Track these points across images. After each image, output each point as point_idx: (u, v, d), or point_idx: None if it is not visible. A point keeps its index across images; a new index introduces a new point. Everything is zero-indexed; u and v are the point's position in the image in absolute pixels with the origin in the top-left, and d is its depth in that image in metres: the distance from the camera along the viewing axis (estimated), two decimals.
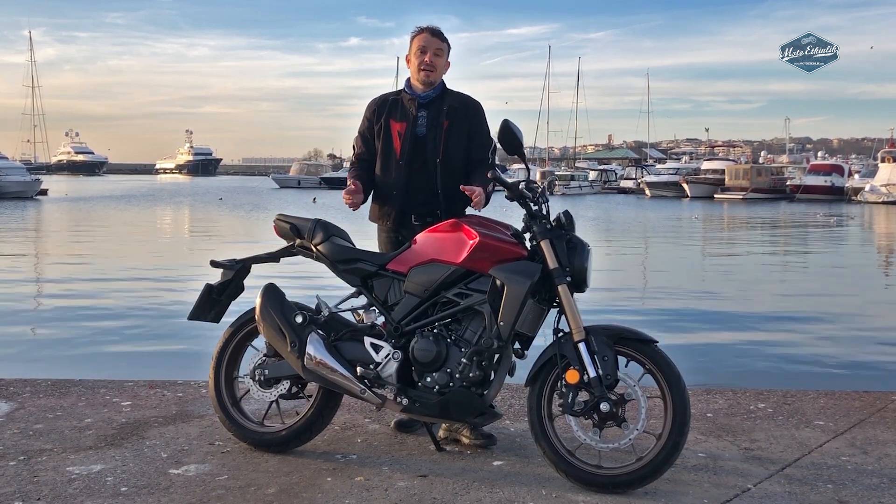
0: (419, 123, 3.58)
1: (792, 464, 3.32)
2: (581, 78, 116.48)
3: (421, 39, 3.58)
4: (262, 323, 3.36)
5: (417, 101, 3.58)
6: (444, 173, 3.53)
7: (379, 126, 3.63)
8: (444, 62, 3.62)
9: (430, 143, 3.55)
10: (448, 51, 3.64)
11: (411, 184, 3.55)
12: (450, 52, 3.66)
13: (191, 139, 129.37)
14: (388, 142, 3.61)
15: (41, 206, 34.92)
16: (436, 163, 3.54)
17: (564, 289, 3.02)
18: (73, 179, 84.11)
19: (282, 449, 3.38)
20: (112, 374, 5.34)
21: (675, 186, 53.64)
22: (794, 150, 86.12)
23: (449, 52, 3.65)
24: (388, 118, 3.62)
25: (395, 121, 3.60)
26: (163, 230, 24.50)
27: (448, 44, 3.64)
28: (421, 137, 3.57)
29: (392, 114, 3.62)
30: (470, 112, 3.63)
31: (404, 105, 3.61)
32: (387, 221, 3.64)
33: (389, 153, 3.60)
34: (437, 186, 3.54)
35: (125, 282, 11.70)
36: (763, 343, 7.85)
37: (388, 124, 3.61)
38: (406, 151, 3.55)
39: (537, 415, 3.08)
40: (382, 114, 3.64)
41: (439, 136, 3.55)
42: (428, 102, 3.59)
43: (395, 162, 3.58)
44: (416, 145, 3.56)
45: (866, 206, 41.08)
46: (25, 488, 2.97)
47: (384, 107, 3.65)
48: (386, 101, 3.67)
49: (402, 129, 3.57)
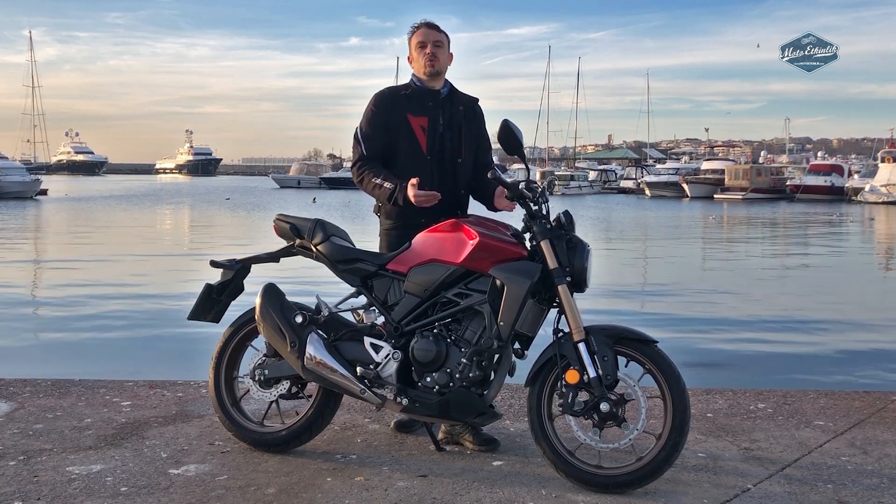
0: (440, 120, 3.51)
1: (792, 464, 3.32)
2: (581, 78, 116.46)
3: (419, 35, 3.54)
4: (261, 323, 3.36)
5: (434, 96, 3.51)
6: (463, 173, 3.53)
7: (397, 121, 3.48)
8: (446, 53, 3.56)
9: (449, 141, 3.51)
10: (448, 42, 3.58)
11: (439, 180, 3.46)
12: (450, 43, 3.60)
13: (191, 139, 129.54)
14: (411, 137, 3.46)
15: (41, 206, 34.92)
16: (457, 162, 3.51)
17: (564, 289, 3.02)
18: (72, 179, 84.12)
19: (282, 449, 3.37)
20: (112, 374, 5.33)
21: (675, 186, 53.67)
22: (794, 150, 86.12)
23: (449, 43, 3.59)
24: (404, 112, 3.48)
25: (413, 115, 3.48)
26: (167, 230, 24.49)
27: (446, 35, 3.59)
28: (442, 135, 3.51)
29: (409, 108, 3.49)
30: (478, 114, 3.64)
31: (421, 99, 3.51)
32: (400, 220, 3.48)
33: (415, 148, 3.47)
34: (460, 186, 3.52)
35: (125, 282, 11.69)
36: (763, 343, 7.85)
37: (407, 119, 3.48)
38: (434, 147, 3.48)
39: (537, 415, 3.08)
40: (396, 108, 3.48)
41: (457, 136, 3.52)
42: (443, 99, 3.55)
43: (424, 157, 3.47)
44: (441, 142, 3.50)
45: (866, 206, 41.08)
46: (25, 488, 2.97)
47: (398, 101, 3.49)
48: (398, 94, 3.52)
49: (425, 123, 3.47)
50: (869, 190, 44.07)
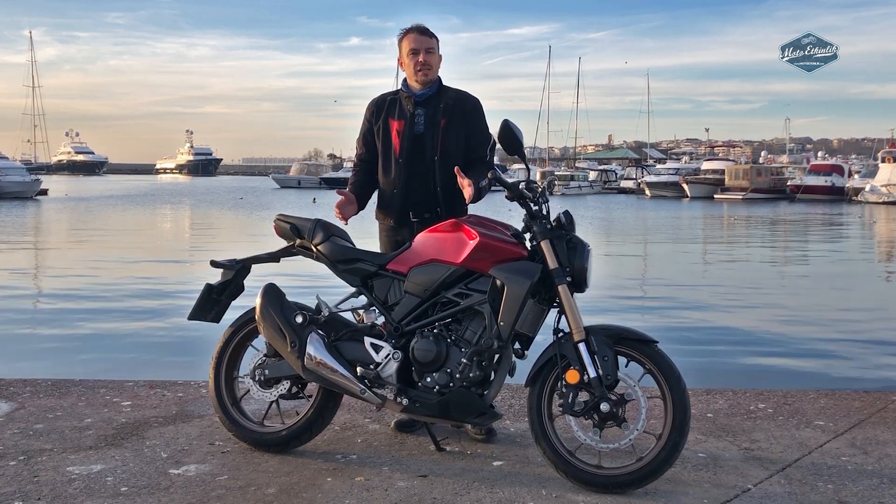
0: (417, 122, 3.59)
1: (792, 464, 3.32)
2: (581, 78, 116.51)
3: (410, 41, 3.59)
4: (262, 323, 3.36)
5: (414, 99, 3.60)
6: (441, 171, 3.54)
7: (378, 126, 3.66)
8: (437, 58, 3.63)
9: (429, 141, 3.57)
10: (438, 45, 3.65)
11: (411, 182, 3.57)
12: (439, 45, 3.66)
13: (191, 139, 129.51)
14: (387, 140, 3.63)
15: (41, 206, 34.92)
16: (434, 161, 3.55)
17: (564, 289, 3.02)
18: (73, 179, 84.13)
19: (282, 449, 3.37)
20: (112, 374, 5.34)
21: (675, 186, 53.64)
22: (794, 151, 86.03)
23: (438, 45, 3.65)
24: (386, 117, 3.64)
25: (393, 119, 3.62)
26: (200, 236, 24.47)
27: (436, 38, 3.65)
28: (419, 135, 3.58)
29: (391, 113, 3.64)
30: (467, 109, 3.63)
31: (402, 103, 3.63)
32: (388, 220, 3.66)
33: (389, 152, 3.62)
34: (436, 184, 3.55)
35: (125, 281, 11.69)
36: (763, 343, 7.85)
37: (387, 123, 3.63)
38: (405, 149, 3.57)
39: (537, 415, 3.08)
40: (381, 113, 3.66)
41: (437, 134, 3.56)
42: (425, 100, 3.60)
43: (395, 160, 3.60)
44: (414, 143, 3.57)
45: (866, 207, 41.05)
46: (25, 488, 2.97)
47: (382, 106, 3.67)
48: (384, 100, 3.69)
49: (401, 127, 3.59)
50: (869, 190, 44.04)
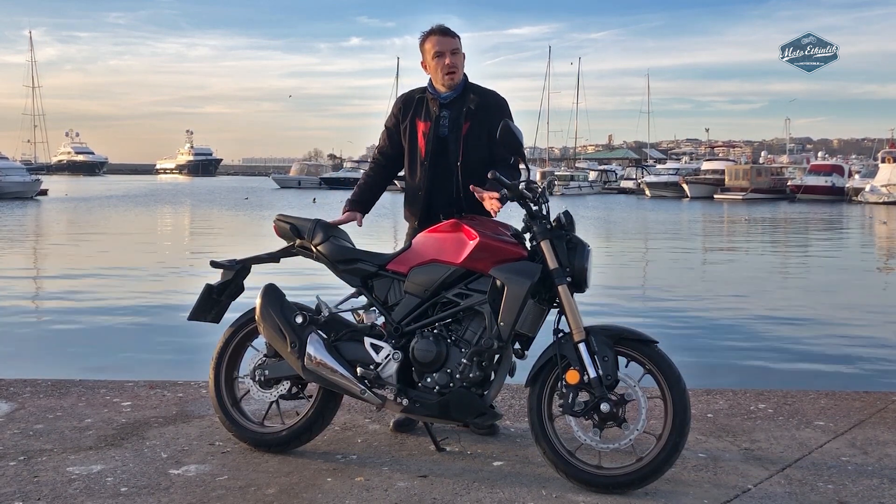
0: (442, 124, 3.56)
1: (792, 464, 3.32)
2: (581, 78, 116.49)
3: (434, 44, 3.53)
4: (262, 323, 3.36)
5: (439, 102, 3.55)
6: (464, 176, 3.51)
7: (405, 125, 3.62)
8: (461, 57, 3.58)
9: (452, 144, 3.54)
10: (461, 43, 3.60)
11: (435, 185, 3.56)
12: (461, 43, 3.61)
13: (191, 139, 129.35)
14: (413, 142, 3.61)
15: (41, 207, 34.92)
16: (456, 166, 3.53)
17: (564, 289, 3.02)
18: (73, 180, 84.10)
19: (282, 449, 3.37)
20: (112, 375, 5.34)
21: (675, 187, 53.66)
22: (794, 151, 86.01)
23: (461, 43, 3.60)
24: (413, 117, 3.60)
25: (420, 120, 3.59)
26: (215, 238, 24.47)
27: (458, 37, 3.60)
28: (443, 139, 3.55)
29: (418, 113, 3.60)
30: (491, 111, 3.55)
31: (429, 105, 3.59)
32: (414, 221, 3.66)
33: (415, 153, 3.60)
34: (459, 189, 3.51)
35: (125, 281, 11.69)
36: (763, 343, 7.85)
37: (414, 123, 3.60)
38: (430, 152, 3.55)
39: (537, 415, 3.07)
40: (409, 112, 3.62)
41: (459, 139, 3.53)
42: (449, 103, 3.56)
43: (420, 162, 3.58)
44: (438, 146, 3.55)
45: (866, 207, 41.05)
46: (25, 488, 2.97)
47: (410, 105, 3.63)
48: (413, 98, 3.64)
49: (427, 129, 3.56)
50: (869, 190, 44.04)
